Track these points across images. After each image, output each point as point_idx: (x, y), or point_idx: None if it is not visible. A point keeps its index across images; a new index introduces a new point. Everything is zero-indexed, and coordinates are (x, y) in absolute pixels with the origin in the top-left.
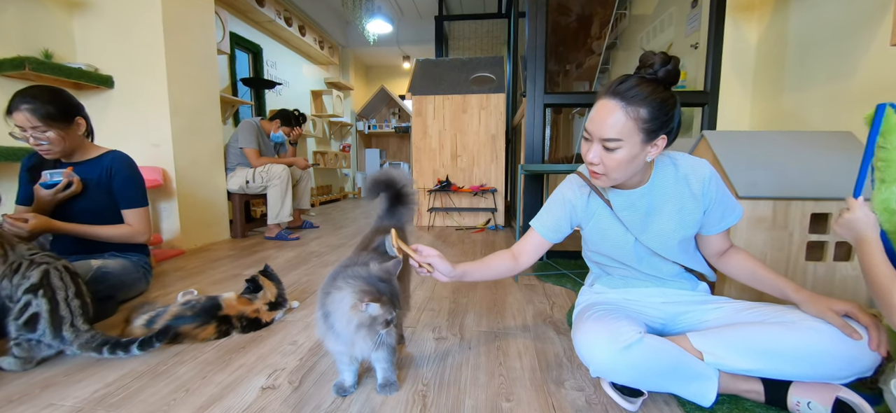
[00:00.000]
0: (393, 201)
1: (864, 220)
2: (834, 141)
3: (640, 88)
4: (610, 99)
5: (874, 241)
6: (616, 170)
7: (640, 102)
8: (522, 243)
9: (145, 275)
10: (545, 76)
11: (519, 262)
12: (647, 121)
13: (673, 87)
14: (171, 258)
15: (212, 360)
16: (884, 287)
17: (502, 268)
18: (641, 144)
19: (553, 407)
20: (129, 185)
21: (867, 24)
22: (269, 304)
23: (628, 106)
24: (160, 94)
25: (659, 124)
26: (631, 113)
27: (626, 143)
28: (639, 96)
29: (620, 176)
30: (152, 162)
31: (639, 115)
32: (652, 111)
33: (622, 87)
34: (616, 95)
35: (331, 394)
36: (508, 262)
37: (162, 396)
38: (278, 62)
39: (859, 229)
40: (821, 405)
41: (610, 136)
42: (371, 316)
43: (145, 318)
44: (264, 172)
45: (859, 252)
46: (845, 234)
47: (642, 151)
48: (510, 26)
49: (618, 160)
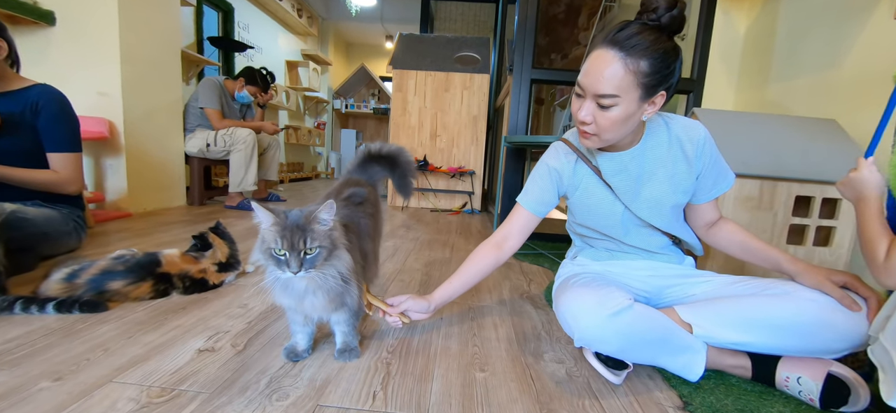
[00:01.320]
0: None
1: (869, 178)
2: (818, 128)
3: (642, 37)
4: (608, 48)
5: (874, 199)
6: (609, 130)
7: (641, 53)
8: (506, 226)
9: (77, 230)
10: (534, 50)
11: (503, 250)
12: (648, 75)
13: (678, 35)
14: (114, 220)
15: (142, 320)
16: (871, 241)
17: (485, 264)
18: (638, 102)
19: (531, 378)
20: (57, 125)
21: (857, 14)
22: (218, 264)
23: (628, 57)
24: (110, 38)
25: (659, 79)
26: (630, 65)
27: (622, 100)
28: (640, 46)
29: (613, 137)
30: (98, 112)
31: (639, 69)
32: (653, 64)
33: (622, 36)
34: (614, 45)
35: (280, 358)
36: (491, 255)
37: (72, 356)
38: (251, 25)
39: (861, 187)
40: (811, 380)
41: (606, 91)
42: (262, 230)
43: (66, 271)
44: (227, 136)
45: (857, 210)
46: (847, 191)
47: (639, 109)
48: (498, 12)
49: (612, 119)
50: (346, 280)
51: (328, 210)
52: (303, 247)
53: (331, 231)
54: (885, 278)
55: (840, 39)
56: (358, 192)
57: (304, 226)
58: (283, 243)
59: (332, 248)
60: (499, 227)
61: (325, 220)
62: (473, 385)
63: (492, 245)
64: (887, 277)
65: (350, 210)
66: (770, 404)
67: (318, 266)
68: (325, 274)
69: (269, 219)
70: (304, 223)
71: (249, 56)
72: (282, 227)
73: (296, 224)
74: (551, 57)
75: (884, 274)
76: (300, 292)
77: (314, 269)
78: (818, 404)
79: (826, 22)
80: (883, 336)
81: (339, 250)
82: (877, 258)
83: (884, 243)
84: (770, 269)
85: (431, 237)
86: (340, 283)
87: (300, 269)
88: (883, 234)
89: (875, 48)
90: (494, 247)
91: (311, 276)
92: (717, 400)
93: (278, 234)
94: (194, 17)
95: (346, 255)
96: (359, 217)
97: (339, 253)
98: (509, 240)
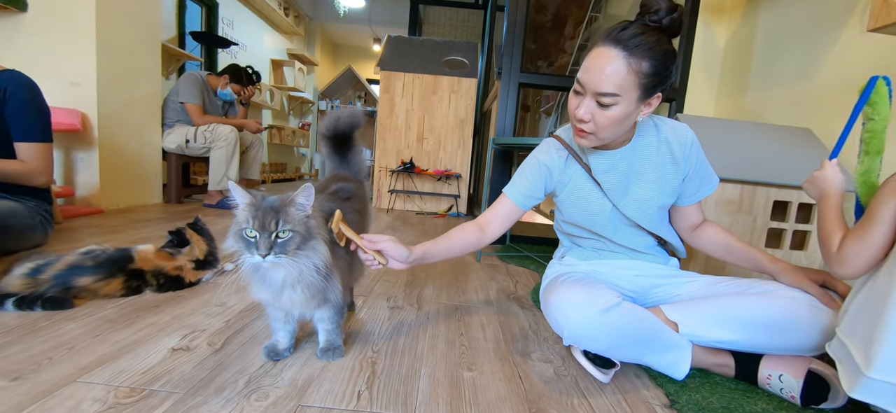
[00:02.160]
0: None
1: (831, 177)
2: (794, 135)
3: (645, 37)
4: (611, 47)
5: (835, 196)
6: (606, 128)
7: (644, 53)
8: (490, 212)
9: (43, 224)
10: (522, 54)
11: (485, 234)
12: (649, 75)
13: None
14: (84, 216)
15: (112, 318)
16: (828, 234)
17: (467, 240)
18: (637, 102)
19: (520, 377)
20: (26, 113)
21: (830, 28)
22: (195, 261)
23: (631, 56)
24: (85, 26)
25: (658, 80)
26: (633, 65)
27: (623, 99)
28: (643, 46)
29: (608, 136)
30: (70, 103)
31: (640, 69)
32: (654, 65)
33: (625, 35)
34: (618, 43)
35: (260, 357)
36: (474, 234)
37: (32, 354)
38: (236, 21)
39: (824, 186)
40: (793, 378)
41: (607, 89)
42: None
43: (30, 266)
44: (208, 132)
45: (819, 206)
46: (811, 190)
47: (636, 110)
48: (486, 18)
49: (611, 118)
50: (326, 275)
51: (305, 194)
52: (274, 229)
53: (307, 218)
54: (837, 267)
55: (814, 52)
56: (345, 187)
57: (279, 208)
58: (254, 223)
59: (308, 236)
60: (484, 213)
61: (302, 204)
62: (461, 384)
63: (475, 225)
64: (839, 266)
65: (338, 204)
66: (753, 402)
67: (289, 252)
68: (299, 263)
69: (245, 199)
70: (279, 206)
71: (233, 53)
72: (256, 207)
73: (270, 206)
74: (538, 64)
75: (836, 263)
76: (277, 285)
77: (285, 256)
78: (799, 401)
79: (801, 36)
80: (839, 329)
81: (315, 241)
82: (831, 249)
83: (838, 236)
84: (752, 269)
85: (417, 239)
86: (320, 278)
87: (269, 253)
88: (838, 227)
89: (847, 61)
90: (477, 227)
91: (283, 264)
92: (703, 398)
93: (251, 213)
94: (176, 11)
95: (324, 248)
96: (346, 212)
97: (315, 244)
98: (492, 225)
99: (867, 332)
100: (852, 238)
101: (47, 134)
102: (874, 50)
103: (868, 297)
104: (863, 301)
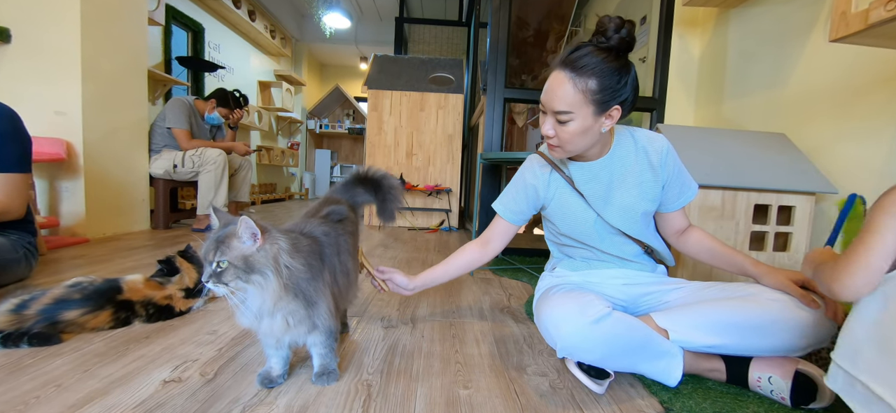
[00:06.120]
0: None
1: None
2: (770, 141)
3: (591, 58)
4: (560, 70)
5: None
6: (570, 142)
7: (589, 73)
8: (489, 231)
9: (27, 257)
10: (506, 71)
11: (487, 250)
12: (597, 92)
13: (628, 54)
14: (69, 246)
15: (101, 352)
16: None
17: (472, 259)
18: (593, 116)
19: (516, 392)
20: (6, 144)
21: (796, 38)
22: (185, 290)
23: (577, 77)
24: (70, 53)
25: (610, 95)
26: (579, 85)
27: (577, 116)
28: (588, 67)
29: (576, 147)
30: (54, 132)
31: (587, 87)
32: (601, 82)
33: (573, 57)
34: (566, 66)
35: (254, 386)
36: (477, 251)
37: (18, 394)
38: (222, 45)
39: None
40: (782, 380)
41: (560, 108)
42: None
43: (14, 302)
44: (196, 156)
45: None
46: (807, 269)
47: (595, 123)
48: (470, 35)
49: (571, 132)
50: (307, 303)
51: (244, 227)
52: (212, 258)
53: (250, 256)
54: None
55: (783, 60)
56: (337, 210)
57: (221, 239)
58: (204, 249)
59: (248, 269)
60: (484, 232)
61: (244, 240)
62: (458, 403)
63: (478, 243)
64: (839, 287)
65: (329, 227)
66: (745, 405)
67: (228, 283)
68: (241, 295)
69: (213, 224)
70: (223, 238)
71: (220, 76)
72: (210, 236)
73: (215, 236)
74: (523, 78)
75: (835, 284)
76: (253, 313)
77: (224, 286)
78: (789, 402)
79: (770, 45)
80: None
81: (258, 275)
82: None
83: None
84: (736, 273)
85: (410, 255)
86: (300, 306)
87: (209, 280)
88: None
89: (814, 68)
90: (480, 245)
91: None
92: (696, 404)
93: (207, 240)
94: (162, 36)
95: (272, 283)
96: (339, 234)
97: (259, 278)
98: (493, 242)
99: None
100: (847, 254)
101: (25, 165)
102: (838, 58)
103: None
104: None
